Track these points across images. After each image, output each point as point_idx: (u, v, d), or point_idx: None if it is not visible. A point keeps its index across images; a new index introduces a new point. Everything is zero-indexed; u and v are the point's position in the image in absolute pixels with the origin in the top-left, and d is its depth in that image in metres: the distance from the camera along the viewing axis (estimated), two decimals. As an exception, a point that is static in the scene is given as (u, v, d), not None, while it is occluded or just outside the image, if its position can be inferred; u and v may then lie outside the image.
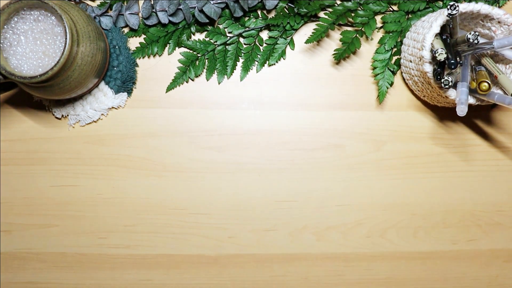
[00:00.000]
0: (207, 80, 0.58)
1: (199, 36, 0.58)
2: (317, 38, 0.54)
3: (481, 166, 0.59)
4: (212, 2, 0.56)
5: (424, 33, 0.50)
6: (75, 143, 0.58)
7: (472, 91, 0.51)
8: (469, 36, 0.45)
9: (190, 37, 0.58)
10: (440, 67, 0.49)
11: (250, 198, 0.59)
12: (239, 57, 0.58)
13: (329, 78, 0.59)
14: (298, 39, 0.59)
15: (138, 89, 0.58)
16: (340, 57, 0.56)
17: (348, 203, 0.59)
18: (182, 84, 0.58)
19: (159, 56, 0.58)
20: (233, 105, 0.59)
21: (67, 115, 0.58)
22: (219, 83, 0.58)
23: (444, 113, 0.59)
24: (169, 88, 0.58)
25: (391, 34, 0.57)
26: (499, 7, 0.58)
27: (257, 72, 0.59)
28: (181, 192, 0.58)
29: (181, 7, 0.56)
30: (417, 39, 0.52)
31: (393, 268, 0.59)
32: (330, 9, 0.57)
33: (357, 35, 0.56)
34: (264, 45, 0.58)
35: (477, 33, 0.45)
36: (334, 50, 0.56)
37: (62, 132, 0.58)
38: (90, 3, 0.57)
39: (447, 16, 0.47)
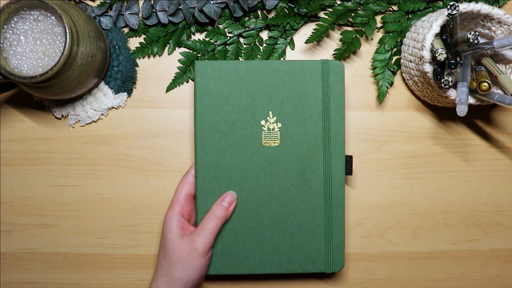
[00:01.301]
0: (207, 80, 0.58)
1: (199, 36, 0.58)
2: (317, 38, 0.54)
3: (481, 166, 0.59)
4: (212, 2, 0.56)
5: (424, 33, 0.50)
6: (75, 143, 0.58)
7: (472, 91, 0.51)
8: (469, 36, 0.45)
9: (190, 37, 0.58)
10: (440, 67, 0.49)
11: (250, 198, 0.58)
12: (239, 57, 0.58)
13: (329, 78, 0.59)
14: (298, 39, 0.59)
15: (138, 89, 0.58)
16: (340, 57, 0.56)
17: (348, 203, 0.59)
18: (182, 84, 0.58)
19: (159, 56, 0.58)
20: (233, 105, 0.58)
21: (67, 115, 0.57)
22: (219, 83, 0.58)
23: (444, 113, 0.59)
24: (169, 88, 0.58)
25: (391, 34, 0.57)
26: (499, 7, 0.58)
27: (257, 72, 0.59)
28: (181, 192, 0.58)
29: (181, 7, 0.56)
30: (417, 39, 0.52)
31: (393, 268, 0.59)
32: (330, 9, 0.57)
33: (357, 35, 0.56)
34: (264, 45, 0.58)
35: (477, 33, 0.45)
36: (334, 50, 0.56)
37: (62, 132, 0.58)
38: (90, 3, 0.57)
39: (447, 16, 0.47)
